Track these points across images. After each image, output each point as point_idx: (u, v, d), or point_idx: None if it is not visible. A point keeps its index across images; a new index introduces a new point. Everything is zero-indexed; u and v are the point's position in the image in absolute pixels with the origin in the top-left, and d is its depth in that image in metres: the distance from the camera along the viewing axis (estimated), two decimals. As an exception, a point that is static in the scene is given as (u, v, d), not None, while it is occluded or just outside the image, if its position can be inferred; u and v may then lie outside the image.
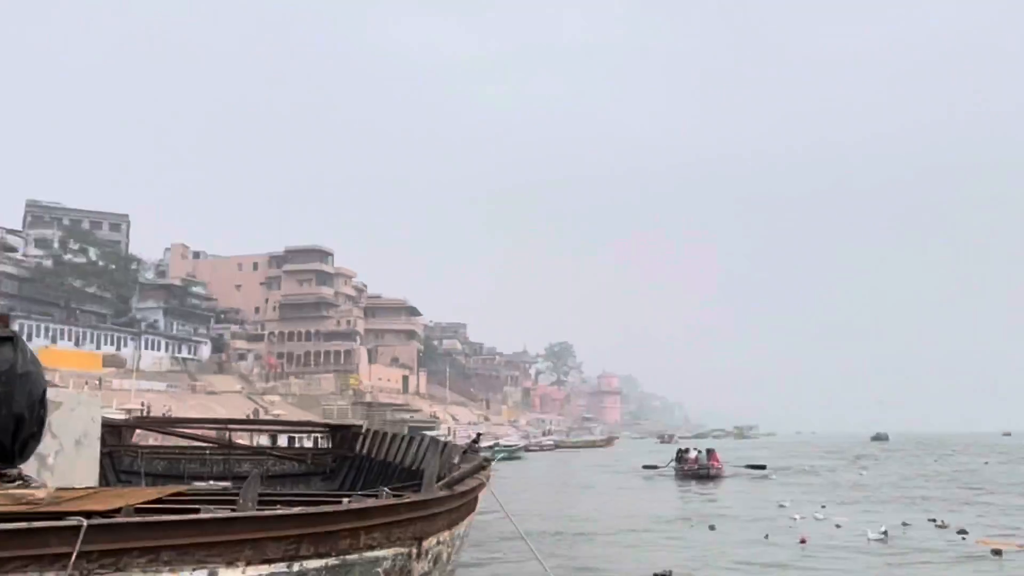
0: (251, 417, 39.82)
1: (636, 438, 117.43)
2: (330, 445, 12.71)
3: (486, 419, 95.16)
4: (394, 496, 4.58)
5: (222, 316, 77.35)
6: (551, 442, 67.62)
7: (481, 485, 5.51)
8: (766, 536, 12.42)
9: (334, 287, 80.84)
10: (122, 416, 36.23)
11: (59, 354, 52.30)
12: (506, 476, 29.94)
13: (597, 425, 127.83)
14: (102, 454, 10.35)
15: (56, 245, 62.42)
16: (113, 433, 10.65)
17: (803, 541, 12.03)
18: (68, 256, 61.92)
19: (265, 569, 3.31)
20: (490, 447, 44.05)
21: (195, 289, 76.27)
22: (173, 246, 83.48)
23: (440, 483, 4.93)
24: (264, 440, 13.01)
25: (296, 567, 3.42)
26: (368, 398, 70.03)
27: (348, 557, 3.67)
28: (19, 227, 67.05)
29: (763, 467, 27.79)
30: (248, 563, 3.24)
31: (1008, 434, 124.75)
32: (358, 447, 11.85)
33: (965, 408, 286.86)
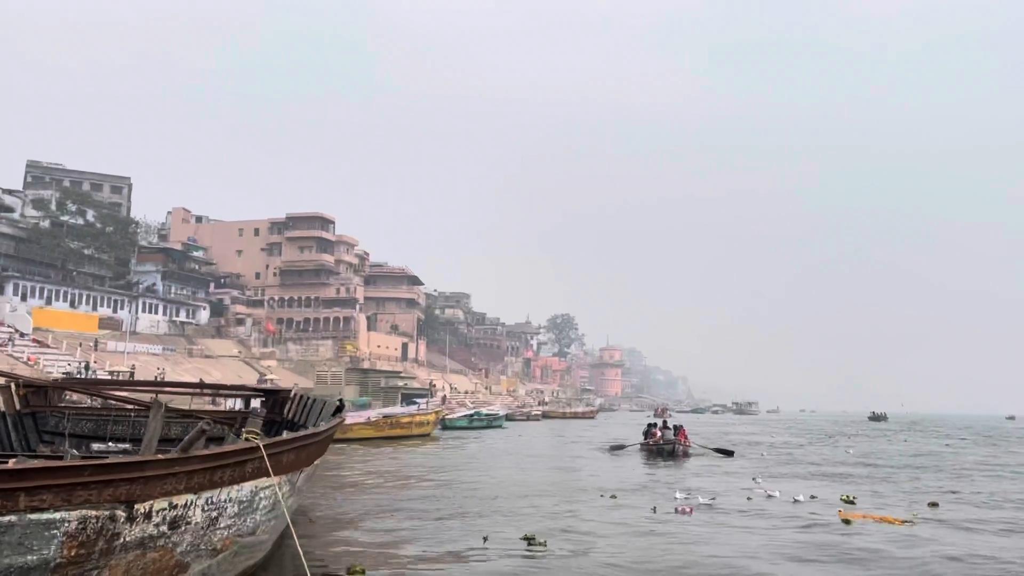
0: (240, 383, 40.05)
1: (635, 410, 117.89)
2: (264, 409, 12.82)
3: (487, 389, 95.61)
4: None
5: (222, 281, 77.46)
6: (539, 412, 67.85)
7: (252, 448, 5.40)
8: (653, 509, 12.57)
9: (335, 254, 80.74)
10: (106, 377, 36.56)
11: (54, 315, 52.55)
12: (483, 443, 30.18)
13: (596, 397, 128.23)
14: (23, 415, 10.35)
15: (54, 206, 62.32)
16: (38, 393, 10.60)
17: (684, 511, 12.38)
18: (66, 217, 61.83)
19: None
20: (469, 415, 44.22)
21: (195, 253, 76.31)
22: (174, 210, 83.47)
23: (184, 444, 4.86)
24: (239, 404, 12.95)
25: None
26: (365, 365, 70.28)
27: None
28: (20, 188, 67.07)
29: (730, 453, 26.08)
30: None
31: (1012, 418, 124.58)
32: (287, 411, 11.89)
33: (972, 391, 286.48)
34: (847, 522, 11.62)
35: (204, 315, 70.53)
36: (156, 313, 64.13)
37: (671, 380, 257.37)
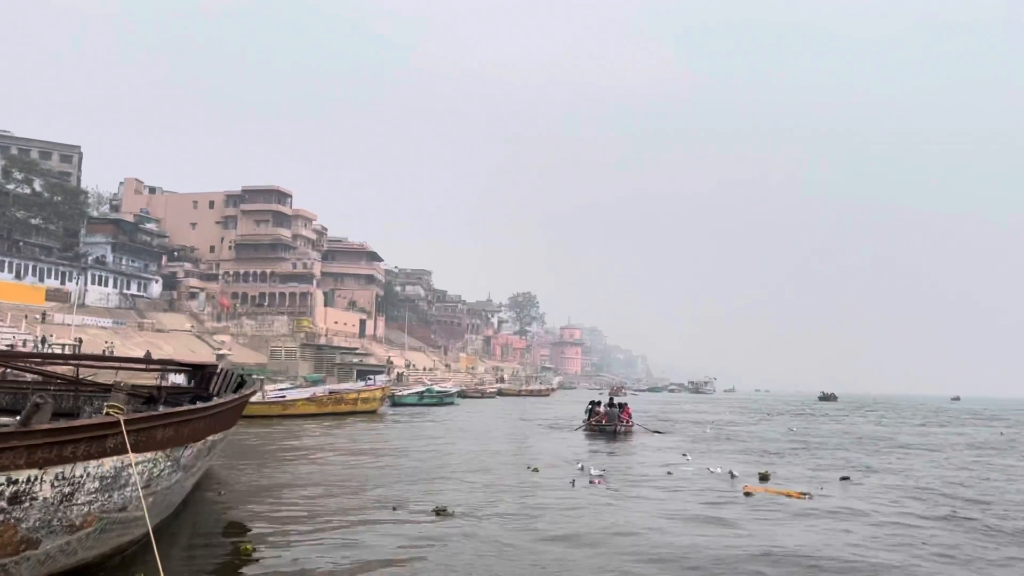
0: (191, 361, 39.67)
1: (594, 388, 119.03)
2: (192, 384, 12.85)
3: (446, 366, 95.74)
4: None
5: (175, 254, 76.29)
6: (493, 389, 68.25)
7: (109, 423, 5.40)
8: (572, 483, 13.03)
9: (292, 228, 79.96)
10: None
11: (-2, 286, 51.41)
12: (430, 420, 30.30)
13: (556, 375, 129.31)
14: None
15: (-1, 174, 60.66)
16: None
17: (596, 483, 13.00)
18: (12, 186, 60.21)
19: None
20: (419, 392, 44.38)
21: (148, 225, 74.95)
22: (127, 180, 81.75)
23: (22, 419, 4.89)
24: (185, 379, 12.89)
25: None
26: (322, 341, 69.94)
27: None
28: (-36, 155, 65.11)
29: (665, 432, 26.76)
30: None
31: (957, 399, 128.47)
32: (212, 386, 11.94)
33: (924, 374, 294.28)
34: (749, 495, 12.14)
35: (156, 288, 69.47)
36: (106, 286, 62.99)
37: (631, 359, 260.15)
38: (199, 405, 7.70)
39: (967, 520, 10.49)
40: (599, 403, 27.30)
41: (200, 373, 12.61)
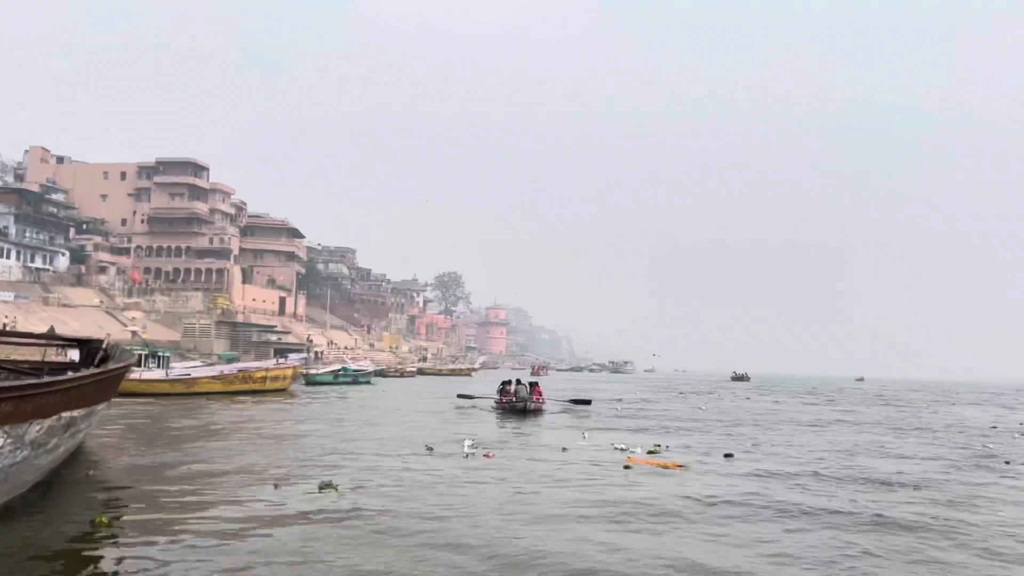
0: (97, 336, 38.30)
1: (517, 368, 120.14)
2: (79, 359, 12.61)
3: (370, 345, 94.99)
4: None
5: (84, 227, 73.21)
6: (413, 369, 68.24)
7: None
8: (466, 455, 13.76)
9: (209, 203, 77.72)
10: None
11: None
12: (342, 399, 30.20)
13: (481, 355, 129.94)
14: None
15: None
16: None
17: (487, 455, 13.60)
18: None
19: None
20: (335, 371, 44.12)
21: (54, 196, 71.66)
22: (32, 149, 77.91)
23: None
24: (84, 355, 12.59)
25: None
26: (239, 318, 68.50)
27: None
28: None
29: (588, 402, 27.87)
30: None
31: (861, 379, 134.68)
32: (98, 361, 11.76)
33: (832, 355, 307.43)
34: (628, 467, 12.75)
35: (63, 262, 66.62)
36: (8, 258, 60.12)
37: (555, 339, 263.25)
38: (44, 379, 7.48)
39: (798, 504, 10.57)
40: (510, 382, 27.54)
41: (87, 348, 12.38)
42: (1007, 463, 15.55)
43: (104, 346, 12.65)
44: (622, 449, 15.31)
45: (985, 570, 7.19)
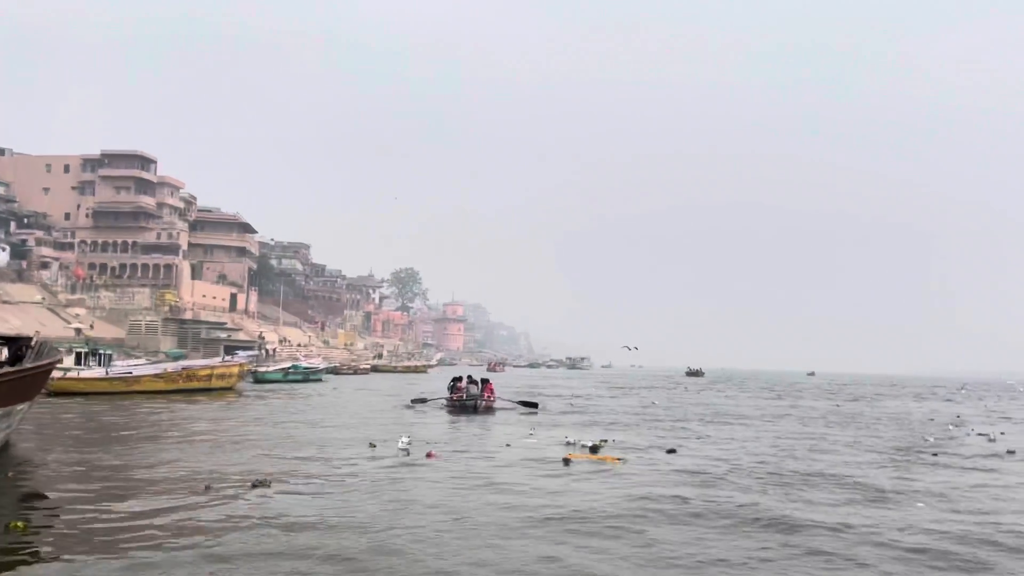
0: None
1: (475, 364, 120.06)
2: (7, 358, 12.30)
3: (324, 342, 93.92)
4: None
5: (25, 221, 71.02)
6: (367, 366, 67.66)
7: None
8: (406, 452, 13.82)
9: (157, 196, 75.99)
10: None
11: None
12: (289, 397, 29.66)
13: (438, 351, 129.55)
14: None
15: None
16: None
17: (432, 456, 13.45)
18: None
19: None
20: (284, 369, 43.57)
21: (-7, 189, 69.45)
22: (-30, 139, 75.31)
23: None
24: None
25: None
26: (188, 315, 67.16)
27: None
28: None
29: (535, 405, 26.65)
30: None
31: (812, 374, 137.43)
32: (26, 360, 11.48)
33: (786, 350, 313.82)
34: (567, 462, 12.88)
35: (3, 257, 64.53)
36: (-57, 253, 58.07)
37: (514, 336, 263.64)
38: None
39: (724, 499, 10.99)
40: (461, 379, 27.37)
41: (14, 346, 12.06)
42: (935, 455, 16.02)
43: (32, 344, 12.32)
44: (571, 443, 15.45)
45: (880, 563, 7.26)
